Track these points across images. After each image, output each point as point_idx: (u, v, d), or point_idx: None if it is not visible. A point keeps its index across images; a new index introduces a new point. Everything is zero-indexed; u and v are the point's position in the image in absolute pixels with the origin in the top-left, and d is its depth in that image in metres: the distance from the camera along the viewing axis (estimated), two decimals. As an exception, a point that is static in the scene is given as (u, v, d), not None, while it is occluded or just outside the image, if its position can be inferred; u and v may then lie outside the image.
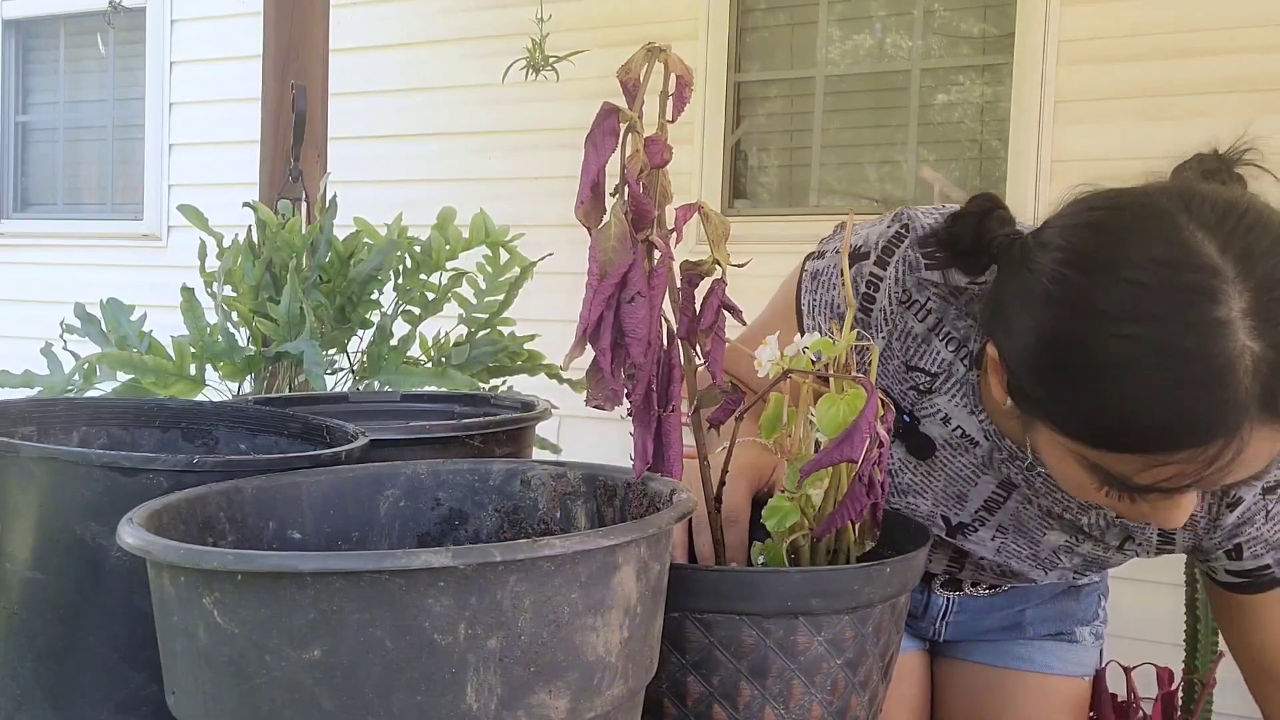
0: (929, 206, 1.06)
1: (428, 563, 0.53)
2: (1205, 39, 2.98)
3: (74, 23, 5.00)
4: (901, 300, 1.03)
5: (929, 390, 1.04)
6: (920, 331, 1.03)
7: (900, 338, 1.04)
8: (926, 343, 1.03)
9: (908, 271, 1.02)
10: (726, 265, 0.78)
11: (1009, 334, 0.87)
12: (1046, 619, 1.33)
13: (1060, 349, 0.82)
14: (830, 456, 0.76)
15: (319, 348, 2.05)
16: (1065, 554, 1.12)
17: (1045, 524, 1.10)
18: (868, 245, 1.05)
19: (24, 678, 0.76)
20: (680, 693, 0.78)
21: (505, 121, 3.95)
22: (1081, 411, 0.82)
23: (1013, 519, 1.11)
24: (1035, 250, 0.86)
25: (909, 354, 1.04)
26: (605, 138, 0.70)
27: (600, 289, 0.71)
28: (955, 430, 1.05)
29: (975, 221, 0.94)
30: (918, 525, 0.91)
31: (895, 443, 1.09)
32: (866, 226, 1.08)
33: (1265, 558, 1.03)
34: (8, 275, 5.00)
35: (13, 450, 0.73)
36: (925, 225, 1.02)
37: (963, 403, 1.04)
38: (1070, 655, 1.34)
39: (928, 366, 1.03)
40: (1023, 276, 0.86)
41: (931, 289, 1.02)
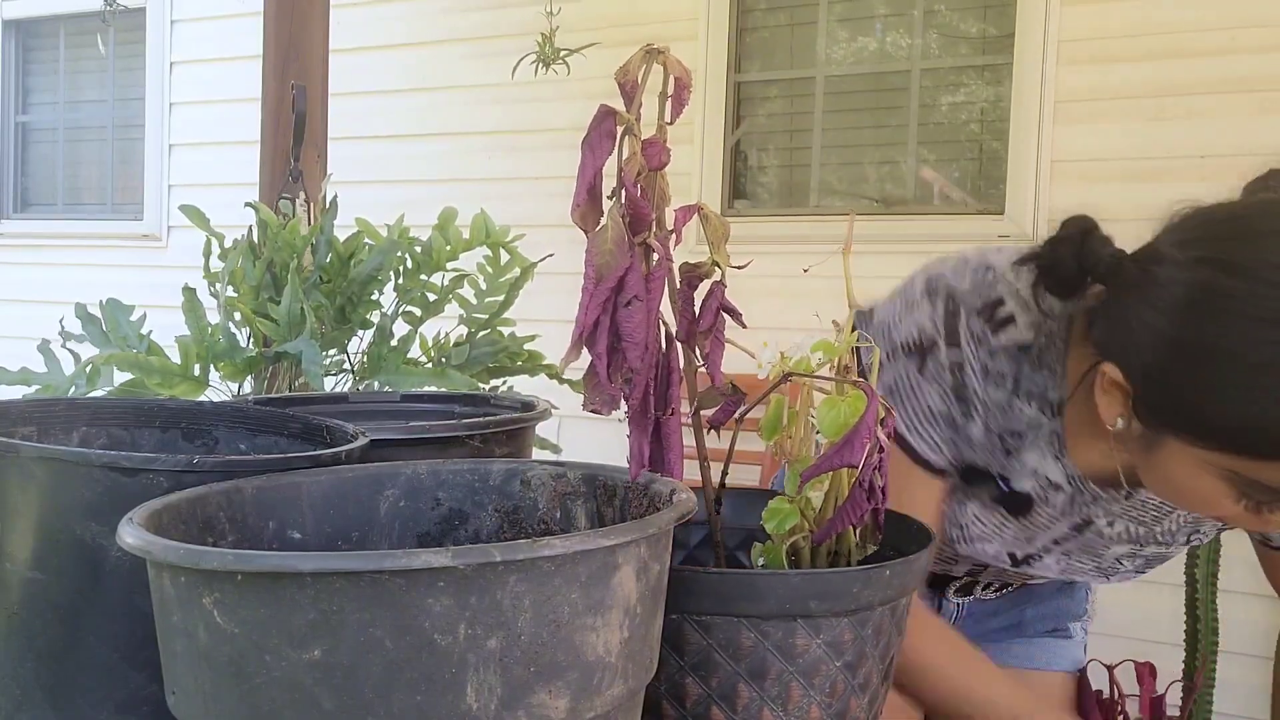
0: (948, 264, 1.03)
1: (428, 563, 0.53)
2: (1205, 39, 2.98)
3: (74, 23, 5.00)
4: (984, 374, 1.00)
5: (1018, 449, 1.03)
6: (1003, 398, 1.01)
7: (991, 411, 1.02)
8: (1010, 406, 1.01)
9: (978, 345, 1.00)
10: (726, 266, 0.78)
11: (1136, 350, 0.87)
12: (1045, 616, 1.36)
13: (1204, 357, 0.81)
14: (831, 461, 0.76)
15: (318, 348, 2.05)
16: (1129, 559, 1.13)
17: (1110, 543, 1.11)
18: (925, 333, 1.01)
19: (24, 678, 0.76)
20: (679, 694, 0.78)
21: (506, 122, 3.95)
22: (1230, 419, 0.81)
23: (1079, 546, 1.12)
24: (1156, 265, 0.86)
25: (998, 423, 1.02)
26: (602, 140, 0.70)
27: (596, 293, 0.71)
28: (1043, 480, 1.05)
29: (1077, 245, 0.93)
30: (920, 527, 0.91)
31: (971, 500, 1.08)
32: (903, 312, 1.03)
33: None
34: (8, 275, 5.00)
35: (13, 450, 0.73)
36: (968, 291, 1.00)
37: (1048, 451, 1.03)
38: (1063, 651, 1.37)
39: (1016, 427, 1.02)
40: (1148, 291, 0.85)
41: (1002, 354, 1.00)
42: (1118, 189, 3.10)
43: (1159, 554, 1.14)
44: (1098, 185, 3.12)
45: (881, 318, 1.06)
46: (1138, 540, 1.11)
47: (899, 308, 1.04)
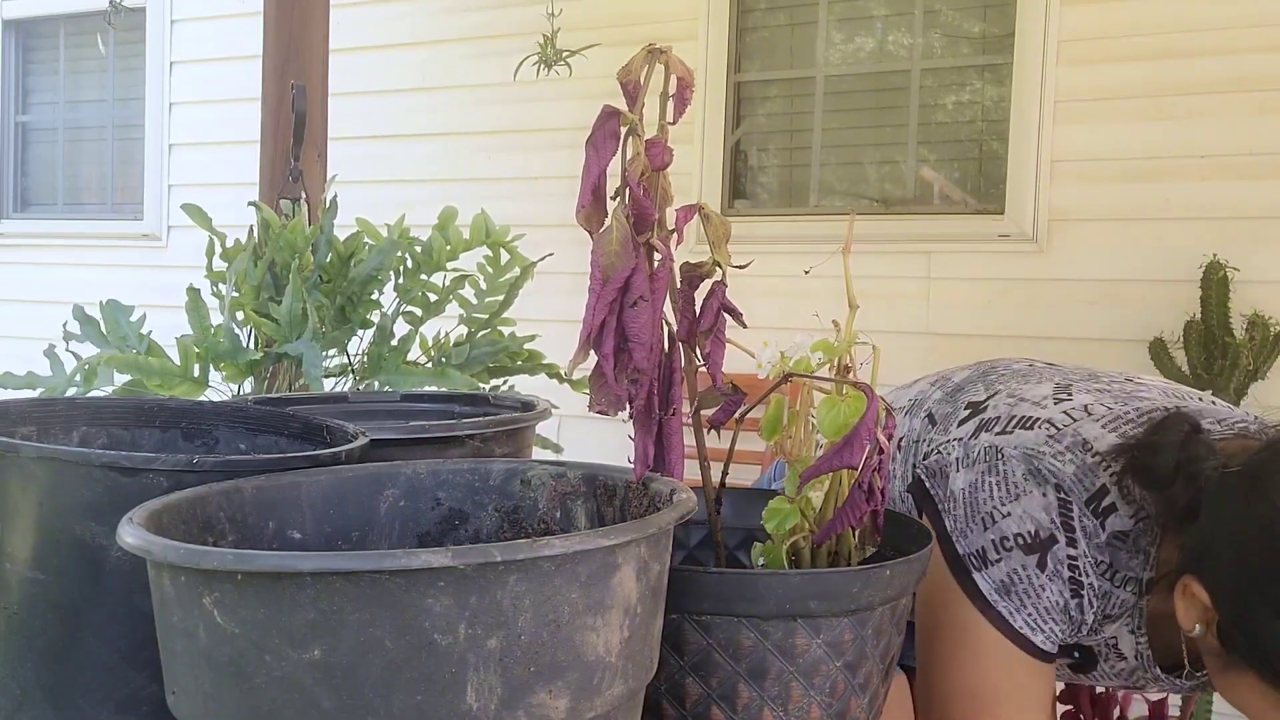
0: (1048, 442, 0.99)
1: (428, 563, 0.53)
2: (1205, 39, 2.99)
3: (74, 23, 5.00)
4: (1096, 566, 0.97)
5: (1106, 624, 1.01)
6: (1107, 588, 0.98)
7: (1098, 599, 0.99)
8: (1111, 593, 0.98)
9: (1089, 539, 0.96)
10: (727, 266, 0.78)
11: (1226, 579, 0.85)
12: None
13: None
14: (830, 463, 0.76)
15: (319, 349, 2.05)
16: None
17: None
18: (1043, 527, 0.96)
19: (24, 678, 0.76)
20: (679, 694, 0.78)
21: (506, 122, 3.95)
22: None
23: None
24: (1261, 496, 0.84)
25: (1101, 609, 0.99)
26: (606, 141, 0.70)
27: (603, 294, 0.71)
28: (1113, 645, 1.03)
29: (1178, 449, 0.90)
30: (920, 527, 0.91)
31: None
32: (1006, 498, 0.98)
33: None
34: (8, 275, 5.00)
35: (13, 450, 0.73)
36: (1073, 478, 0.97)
37: (1127, 625, 1.00)
38: None
39: (1112, 611, 1.00)
40: (1248, 523, 0.84)
41: (1108, 541, 0.97)
42: (1118, 189, 3.10)
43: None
44: (1098, 185, 3.12)
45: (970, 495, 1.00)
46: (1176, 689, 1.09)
47: (998, 489, 0.99)
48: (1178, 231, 3.03)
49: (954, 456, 1.03)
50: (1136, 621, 1.00)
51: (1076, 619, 0.98)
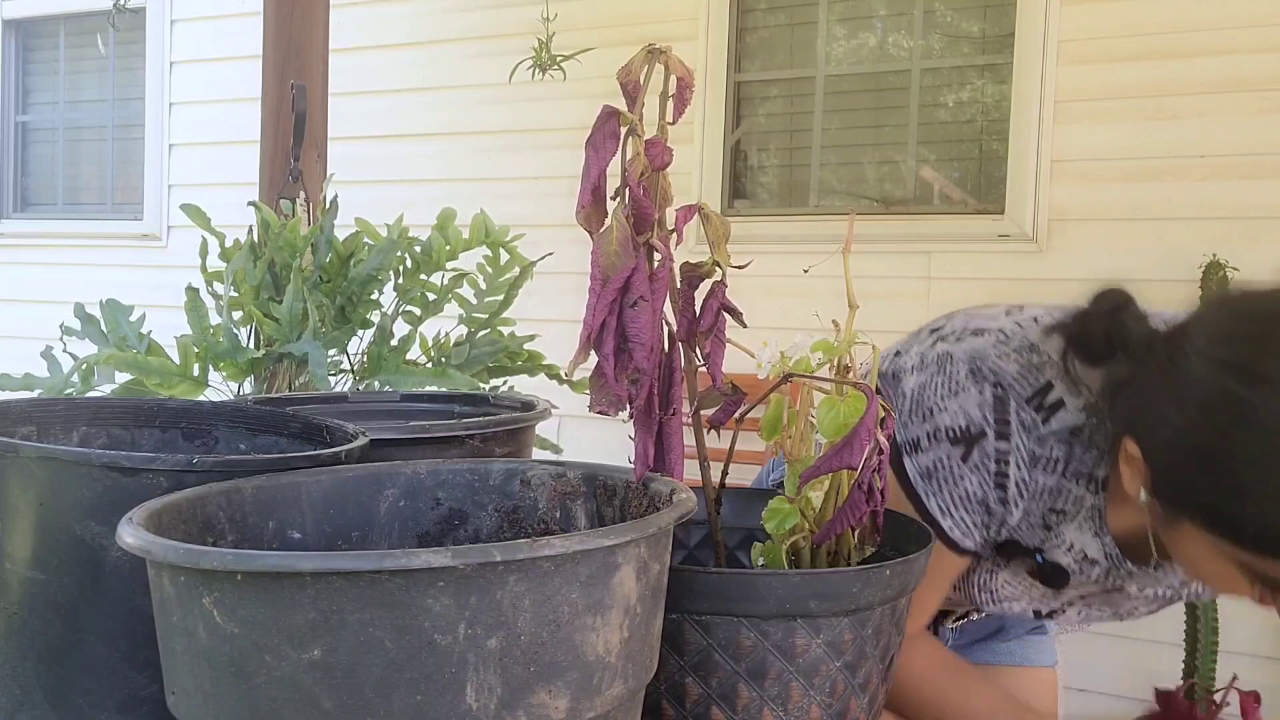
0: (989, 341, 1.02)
1: (428, 562, 0.53)
2: (1205, 39, 2.98)
3: (74, 23, 5.00)
4: (1030, 463, 0.99)
5: (1059, 524, 1.04)
6: (1052, 483, 1.01)
7: (1036, 496, 1.01)
8: (1059, 489, 1.01)
9: (1027, 434, 0.99)
10: (727, 266, 0.78)
11: (1156, 436, 0.88)
12: (1025, 620, 1.37)
13: (1220, 460, 0.83)
14: (830, 463, 0.76)
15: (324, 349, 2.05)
16: (1144, 604, 1.15)
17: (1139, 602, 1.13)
18: (974, 422, 0.99)
19: (24, 678, 0.76)
20: (679, 694, 0.78)
21: (505, 122, 3.95)
22: (1243, 520, 0.83)
23: (1103, 599, 1.14)
24: (1184, 353, 0.87)
25: (1046, 505, 1.02)
26: (606, 141, 0.70)
27: (603, 294, 0.71)
28: (1079, 554, 1.05)
29: (1108, 320, 0.94)
30: (919, 527, 0.91)
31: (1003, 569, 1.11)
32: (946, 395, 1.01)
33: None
34: (8, 275, 5.00)
35: (13, 450, 0.73)
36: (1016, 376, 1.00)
37: (1088, 527, 1.03)
38: (1043, 646, 1.41)
39: (1062, 506, 1.02)
40: (1173, 380, 0.87)
41: (1053, 439, 0.99)
42: (1118, 189, 3.10)
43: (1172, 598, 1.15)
44: (1098, 185, 3.12)
45: (918, 393, 1.03)
46: (1164, 600, 1.13)
47: (940, 388, 1.02)
48: (1178, 231, 3.03)
49: (910, 365, 1.07)
50: (1098, 524, 1.02)
51: (997, 512, 1.00)
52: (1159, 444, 0.88)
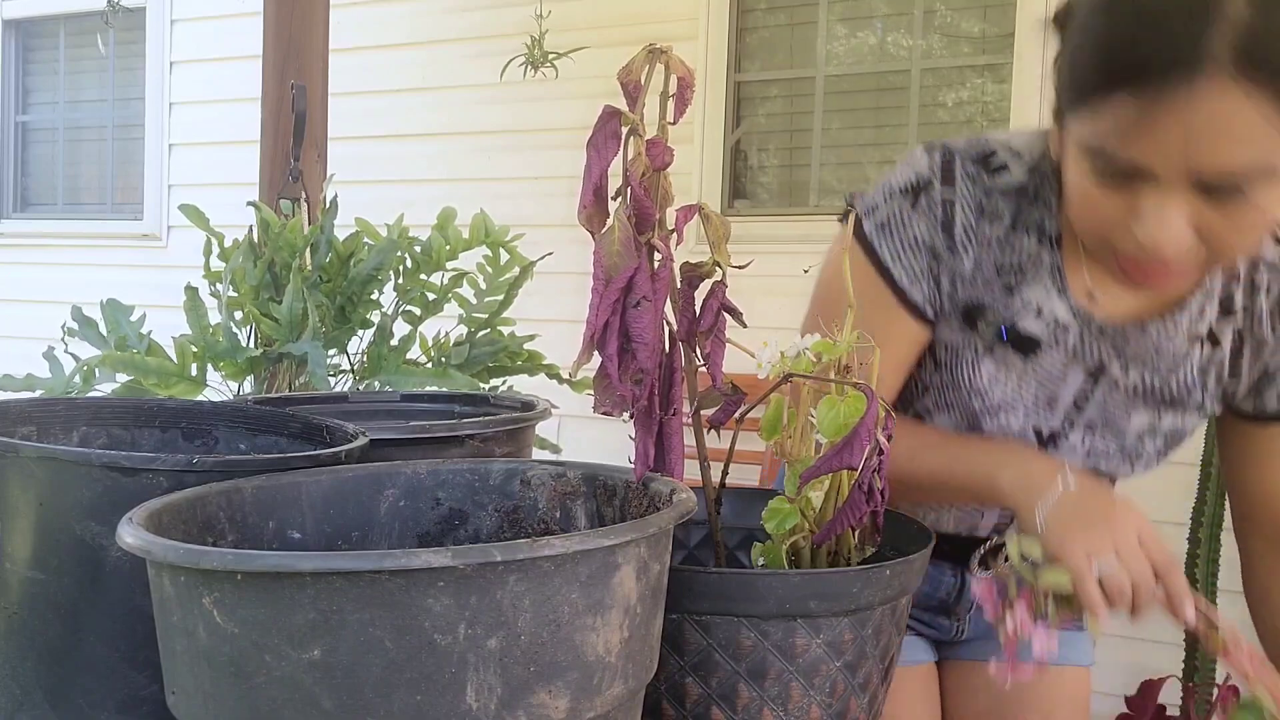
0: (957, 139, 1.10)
1: (428, 562, 0.53)
2: (1205, 39, 2.98)
3: (74, 23, 5.00)
4: (977, 210, 1.05)
5: (1019, 284, 1.07)
6: (1001, 233, 1.06)
7: (985, 246, 1.06)
8: (1009, 240, 1.06)
9: (973, 184, 1.05)
10: (727, 266, 0.78)
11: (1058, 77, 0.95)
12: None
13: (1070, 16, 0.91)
14: (830, 463, 0.76)
15: (324, 349, 2.05)
16: (1149, 436, 1.14)
17: (1130, 406, 1.12)
18: (921, 175, 1.06)
19: (24, 678, 0.76)
20: (679, 694, 0.78)
21: (505, 122, 3.95)
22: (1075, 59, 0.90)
23: (1100, 411, 1.13)
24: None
25: (996, 258, 1.06)
26: (608, 141, 0.70)
27: (606, 294, 0.71)
28: (1049, 320, 1.08)
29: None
30: (920, 527, 0.91)
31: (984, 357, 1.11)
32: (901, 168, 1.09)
33: None
34: (8, 275, 5.00)
35: (13, 450, 0.73)
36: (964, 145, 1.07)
37: (1051, 287, 1.07)
38: (1078, 643, 1.35)
39: (1015, 260, 1.06)
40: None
41: (999, 194, 1.05)
42: (1118, 189, 3.10)
43: (1175, 429, 1.14)
44: (1098, 185, 3.12)
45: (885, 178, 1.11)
46: (1154, 395, 1.11)
47: (900, 166, 1.11)
48: (1178, 231, 3.03)
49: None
50: (1060, 282, 1.06)
51: (945, 258, 1.06)
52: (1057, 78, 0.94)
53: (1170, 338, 1.09)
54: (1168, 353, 1.10)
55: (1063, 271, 1.06)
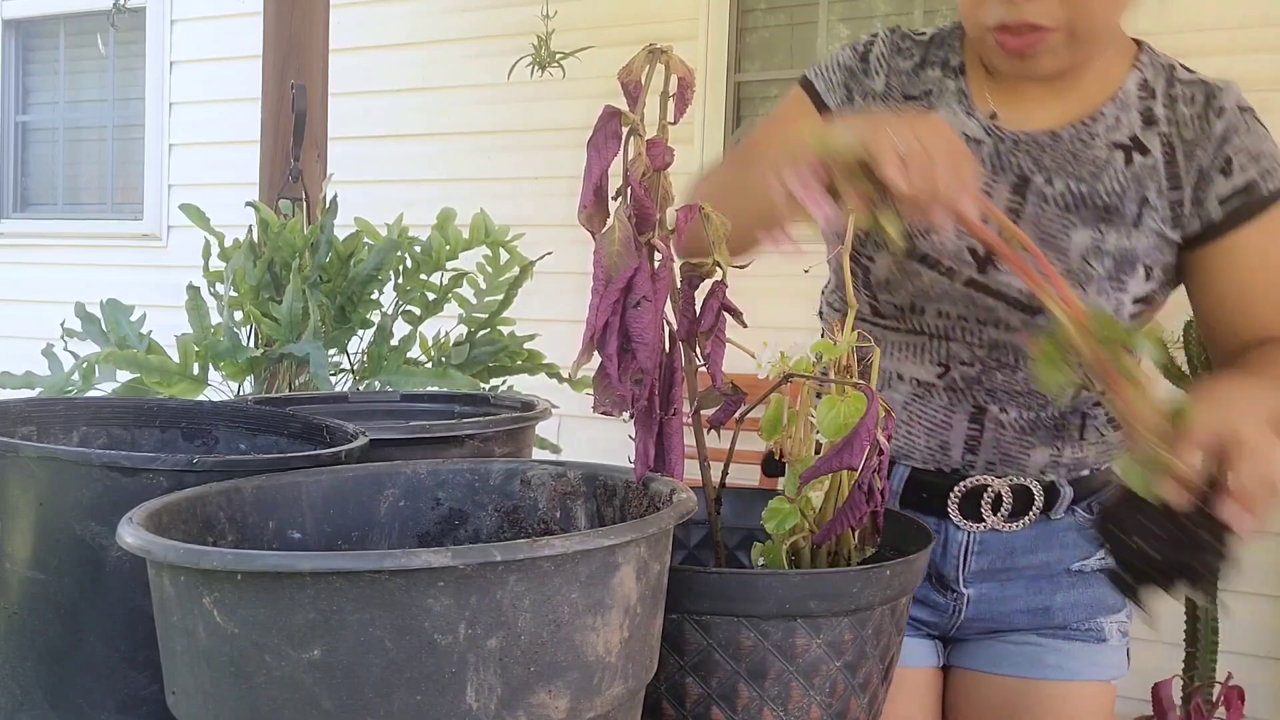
0: None
1: (428, 562, 0.53)
2: (1205, 39, 2.98)
3: (74, 23, 5.00)
4: (892, 48, 1.25)
5: (929, 108, 1.21)
6: (910, 68, 1.24)
7: (895, 75, 1.24)
8: (917, 74, 1.24)
9: (892, 33, 1.27)
10: (728, 266, 0.78)
11: None
12: (1076, 605, 1.28)
13: None
14: (830, 464, 0.76)
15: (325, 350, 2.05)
16: (1094, 258, 1.15)
17: (1067, 222, 1.15)
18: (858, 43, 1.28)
19: (24, 678, 0.76)
20: (679, 694, 0.78)
21: (505, 122, 3.95)
22: None
23: (1035, 229, 1.15)
24: None
25: (904, 87, 1.24)
26: (608, 141, 0.70)
27: (606, 295, 0.71)
28: (960, 136, 1.13)
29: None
30: (920, 527, 0.91)
31: None
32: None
33: (1250, 170, 1.15)
34: (8, 275, 5.00)
35: (13, 450, 0.73)
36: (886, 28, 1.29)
37: (958, 108, 1.20)
38: (1099, 657, 1.30)
39: (923, 90, 1.23)
40: None
41: (912, 41, 1.26)
42: (1118, 189, 3.10)
43: (1122, 249, 1.15)
44: (1098, 185, 3.12)
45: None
46: (1085, 205, 1.15)
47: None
48: (1178, 231, 3.03)
49: None
50: (966, 104, 1.20)
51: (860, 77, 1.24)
52: None
53: (1087, 145, 1.17)
54: (1087, 159, 1.16)
55: (968, 94, 1.20)
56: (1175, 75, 1.21)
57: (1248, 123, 1.19)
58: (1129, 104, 1.18)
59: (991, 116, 1.19)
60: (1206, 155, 1.16)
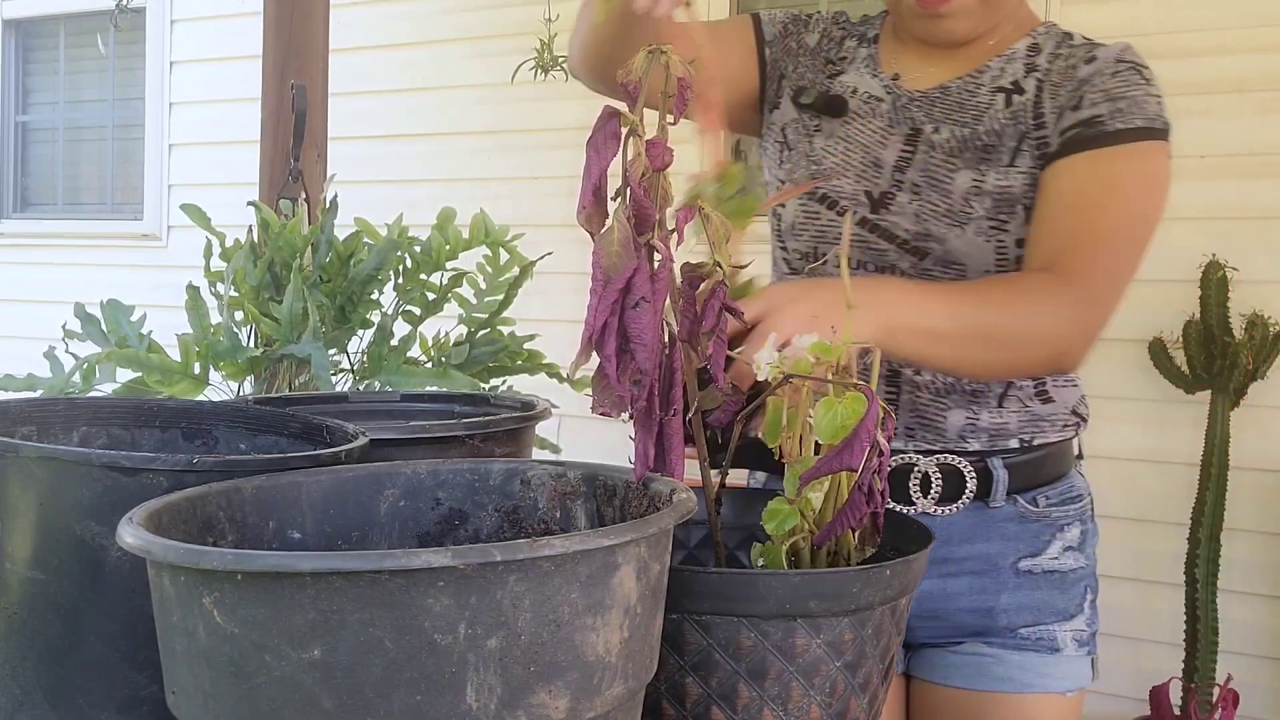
0: None
1: (427, 562, 0.53)
2: (1205, 39, 2.98)
3: (74, 23, 5.00)
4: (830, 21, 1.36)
5: (839, 72, 1.33)
6: (839, 37, 1.36)
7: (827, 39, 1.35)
8: (842, 44, 1.35)
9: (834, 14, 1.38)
10: (728, 267, 0.78)
11: None
12: (1024, 607, 1.25)
13: None
14: (830, 465, 0.76)
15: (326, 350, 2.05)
16: (975, 197, 1.20)
17: (951, 165, 1.22)
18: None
19: (24, 678, 0.76)
20: (679, 694, 0.78)
21: (505, 121, 3.95)
22: None
23: (923, 173, 1.23)
24: None
25: (828, 52, 1.35)
26: (607, 141, 0.70)
27: (605, 295, 0.71)
28: (862, 96, 1.29)
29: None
30: (920, 527, 0.91)
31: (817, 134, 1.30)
32: None
33: (1099, 107, 1.18)
34: (8, 275, 5.00)
35: (13, 450, 0.73)
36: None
37: (865, 71, 1.31)
38: (1052, 668, 1.26)
39: (841, 54, 1.34)
40: None
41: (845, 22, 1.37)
42: (1118, 189, 3.09)
43: (1000, 188, 1.19)
44: (1098, 185, 3.11)
45: None
46: (967, 147, 1.22)
47: None
48: (1177, 231, 3.02)
49: None
50: (874, 67, 1.31)
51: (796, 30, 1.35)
52: None
53: (973, 93, 1.25)
54: (971, 105, 1.24)
55: (876, 59, 1.31)
56: (1069, 40, 1.27)
57: (1119, 71, 1.20)
58: (1016, 58, 1.26)
59: (895, 78, 1.29)
60: (1065, 93, 1.21)
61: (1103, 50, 1.23)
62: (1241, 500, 2.88)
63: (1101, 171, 1.16)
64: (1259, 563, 2.91)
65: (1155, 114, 1.18)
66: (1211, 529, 2.81)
